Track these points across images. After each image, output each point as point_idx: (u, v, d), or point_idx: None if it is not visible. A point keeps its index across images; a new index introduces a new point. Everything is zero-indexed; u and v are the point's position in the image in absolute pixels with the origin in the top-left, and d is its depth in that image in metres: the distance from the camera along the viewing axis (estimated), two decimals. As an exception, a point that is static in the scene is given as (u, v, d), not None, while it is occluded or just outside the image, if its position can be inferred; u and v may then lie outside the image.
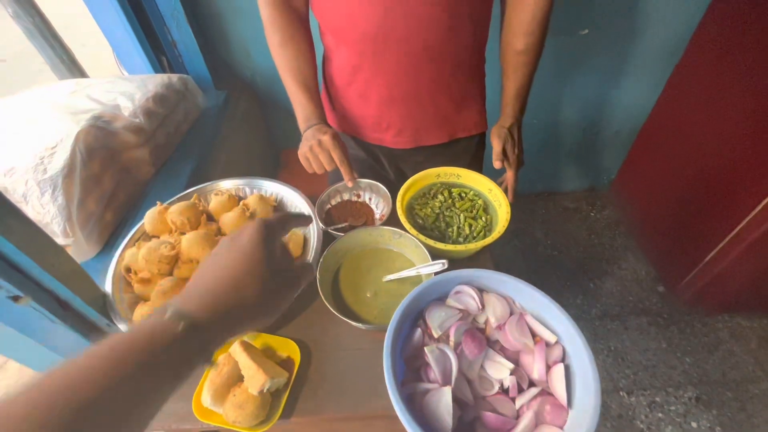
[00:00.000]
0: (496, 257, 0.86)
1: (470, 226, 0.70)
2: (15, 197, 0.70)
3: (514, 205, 0.70)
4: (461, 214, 0.71)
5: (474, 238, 0.68)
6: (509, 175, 0.79)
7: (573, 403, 0.45)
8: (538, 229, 1.80)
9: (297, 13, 0.73)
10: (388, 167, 0.92)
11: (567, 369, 0.47)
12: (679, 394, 1.25)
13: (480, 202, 0.74)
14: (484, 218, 0.71)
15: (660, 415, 1.21)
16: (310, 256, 0.65)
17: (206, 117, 1.11)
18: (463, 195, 0.75)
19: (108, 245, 0.81)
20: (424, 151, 0.84)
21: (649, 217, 1.60)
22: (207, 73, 1.16)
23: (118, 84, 0.96)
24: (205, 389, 0.50)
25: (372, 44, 0.67)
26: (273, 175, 0.84)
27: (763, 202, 1.06)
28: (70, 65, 2.08)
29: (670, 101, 1.43)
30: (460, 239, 0.69)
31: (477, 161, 0.91)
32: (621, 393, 1.26)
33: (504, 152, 0.74)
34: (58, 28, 1.28)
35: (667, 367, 1.32)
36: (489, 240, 0.63)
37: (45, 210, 0.69)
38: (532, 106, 1.36)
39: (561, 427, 0.43)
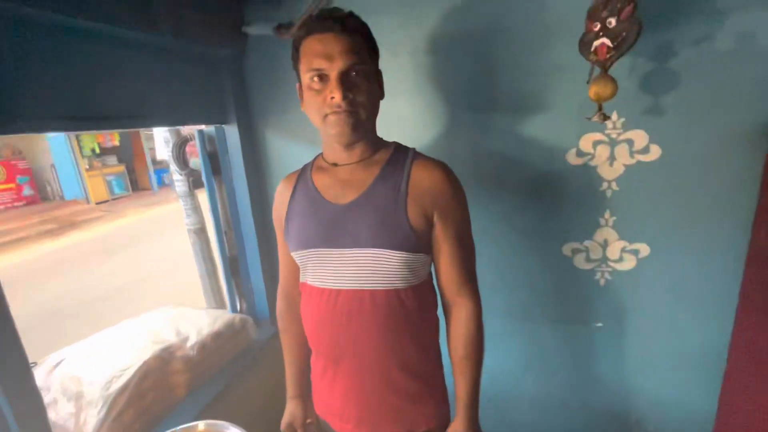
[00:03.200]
0: None
1: None
2: (84, 399, 1.01)
3: None
4: None
5: None
6: None
7: None
8: None
9: (297, 317, 0.98)
10: None
11: None
12: None
13: None
14: None
15: None
16: None
17: (253, 347, 1.42)
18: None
19: (122, 453, 1.02)
20: None
21: None
22: (267, 311, 1.55)
23: (201, 316, 1.37)
24: None
25: (332, 356, 0.87)
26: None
27: None
28: (212, 278, 2.83)
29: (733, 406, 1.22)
30: None
31: None
32: None
33: None
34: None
35: None
36: None
37: (92, 421, 0.97)
38: (565, 390, 1.38)
39: None
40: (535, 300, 1.37)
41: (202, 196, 1.71)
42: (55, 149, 8.90)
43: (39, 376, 1.10)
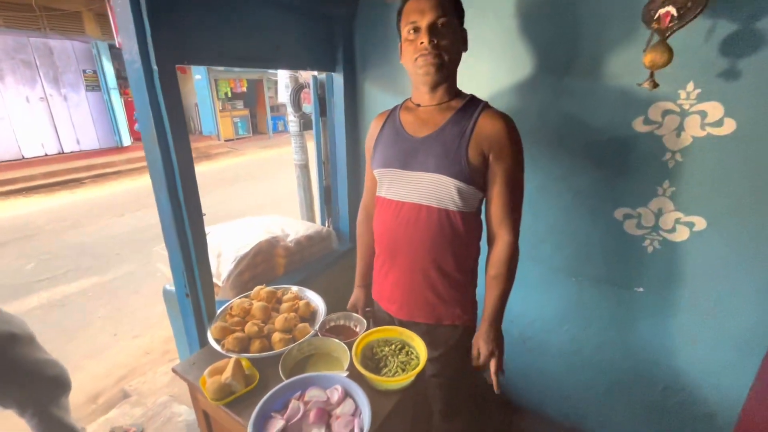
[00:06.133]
0: None
1: (400, 372, 1.01)
2: (222, 256, 1.48)
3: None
4: (397, 362, 1.03)
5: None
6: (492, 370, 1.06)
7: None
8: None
9: (370, 226, 1.28)
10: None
11: None
12: None
13: (415, 362, 1.03)
14: (409, 373, 1.00)
15: None
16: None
17: (333, 254, 1.80)
18: (409, 352, 1.06)
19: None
20: (417, 327, 1.16)
21: None
22: (348, 230, 1.91)
23: (299, 224, 1.78)
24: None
25: (390, 251, 1.14)
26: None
27: None
28: (308, 207, 3.33)
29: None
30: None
31: (459, 348, 1.15)
32: None
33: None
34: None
35: None
36: (397, 380, 0.94)
37: (225, 269, 1.44)
38: (596, 347, 1.54)
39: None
40: (579, 257, 1.47)
41: (309, 138, 2.11)
42: (199, 90, 10.56)
43: (195, 239, 1.60)
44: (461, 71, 1.07)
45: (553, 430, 1.72)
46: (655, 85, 0.99)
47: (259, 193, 6.33)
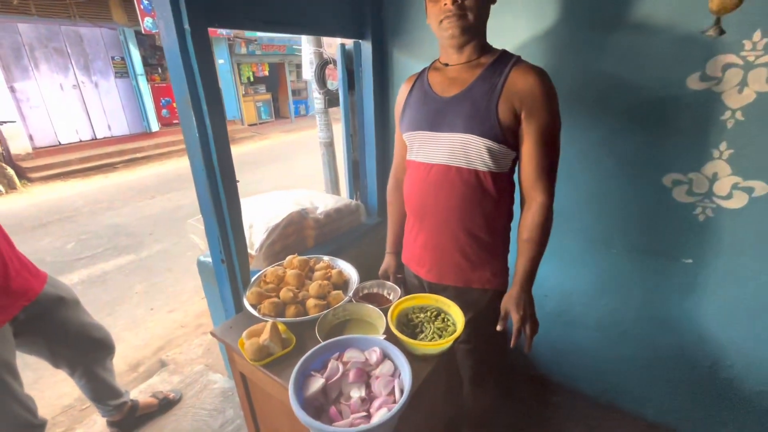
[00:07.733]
0: None
1: (436, 338, 0.99)
2: (253, 227, 1.49)
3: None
4: (433, 328, 1.01)
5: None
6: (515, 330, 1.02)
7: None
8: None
9: (400, 193, 1.26)
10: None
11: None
12: None
13: (452, 328, 1.01)
14: (447, 338, 0.98)
15: None
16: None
17: (361, 227, 1.79)
18: (445, 319, 1.04)
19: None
20: (446, 291, 1.15)
21: None
22: (376, 204, 1.88)
23: (327, 197, 1.77)
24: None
25: (419, 213, 1.12)
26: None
27: None
28: (333, 185, 3.33)
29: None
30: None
31: (489, 313, 1.13)
32: None
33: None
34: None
35: None
36: (435, 344, 0.92)
37: (258, 239, 1.44)
38: (636, 321, 1.48)
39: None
40: (620, 227, 1.40)
41: (335, 119, 2.08)
42: (222, 75, 10.65)
43: (227, 211, 1.62)
44: (492, 26, 1.01)
45: (588, 406, 1.68)
46: (722, 32, 0.89)
47: (284, 175, 6.41)
